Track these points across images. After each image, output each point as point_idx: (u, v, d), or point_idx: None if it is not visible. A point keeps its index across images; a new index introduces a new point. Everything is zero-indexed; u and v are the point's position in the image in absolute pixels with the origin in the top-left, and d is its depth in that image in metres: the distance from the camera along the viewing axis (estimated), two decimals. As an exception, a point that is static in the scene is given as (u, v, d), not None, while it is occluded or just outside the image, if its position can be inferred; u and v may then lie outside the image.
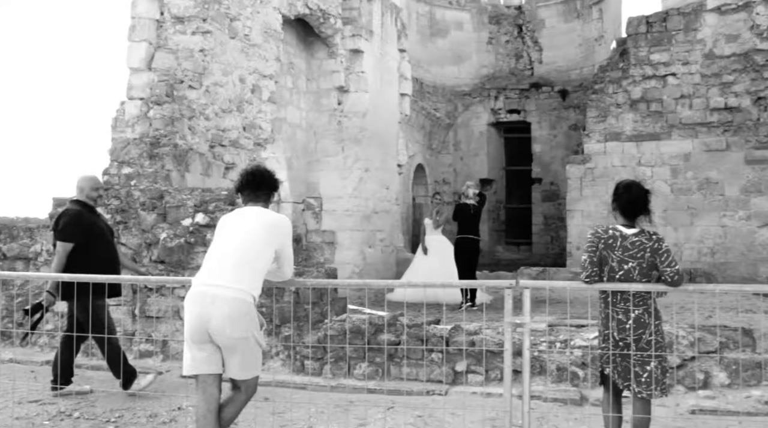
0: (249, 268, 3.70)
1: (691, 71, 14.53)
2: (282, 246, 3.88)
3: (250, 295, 3.67)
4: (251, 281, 3.70)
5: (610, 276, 3.79)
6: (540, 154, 20.57)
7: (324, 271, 6.81)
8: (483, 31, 21.81)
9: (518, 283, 3.94)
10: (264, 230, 3.80)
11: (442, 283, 4.90)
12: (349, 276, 12.71)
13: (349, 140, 12.75)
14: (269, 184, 3.99)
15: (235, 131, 9.52)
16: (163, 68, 8.54)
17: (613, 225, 3.88)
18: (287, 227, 3.91)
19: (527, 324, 3.87)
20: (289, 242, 3.93)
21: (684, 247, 14.58)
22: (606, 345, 3.80)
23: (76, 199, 5.98)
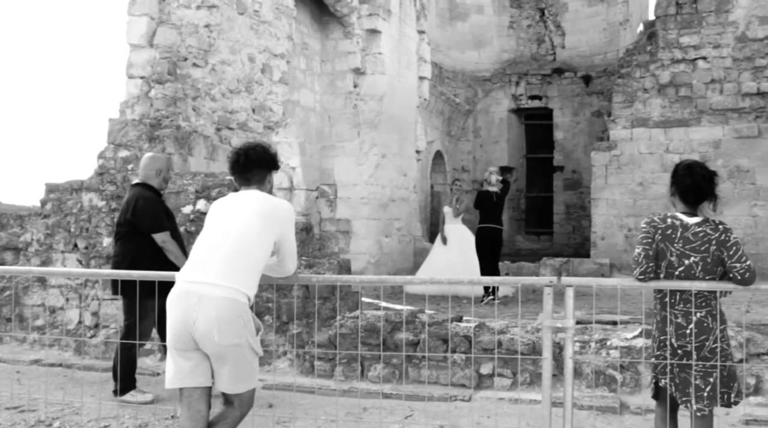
0: (243, 262, 3.17)
1: (723, 55, 13.81)
2: (282, 236, 3.35)
3: (243, 294, 3.14)
4: (245, 277, 3.16)
5: (668, 273, 3.22)
6: (562, 141, 19.89)
7: (336, 263, 6.27)
8: (504, 15, 21.11)
9: (560, 280, 3.37)
10: (261, 218, 3.26)
11: (469, 279, 4.24)
12: (365, 267, 12.19)
13: (366, 125, 12.19)
14: (261, 163, 3.43)
15: (243, 113, 9.00)
16: (166, 45, 8.02)
17: (672, 213, 3.31)
18: (288, 213, 3.37)
19: (570, 328, 3.30)
20: (290, 231, 3.40)
21: (713, 237, 13.87)
22: (662, 353, 3.23)
23: (144, 183, 5.30)
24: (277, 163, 3.55)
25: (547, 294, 3.33)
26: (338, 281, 3.62)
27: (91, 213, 7.07)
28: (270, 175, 3.50)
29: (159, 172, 5.30)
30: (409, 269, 13.68)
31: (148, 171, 5.29)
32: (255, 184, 3.43)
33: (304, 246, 6.51)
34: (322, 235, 12.34)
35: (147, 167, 5.30)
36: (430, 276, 10.90)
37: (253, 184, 3.43)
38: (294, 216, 3.42)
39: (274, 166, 3.53)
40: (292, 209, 3.42)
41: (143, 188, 5.28)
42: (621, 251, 14.34)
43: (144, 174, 5.30)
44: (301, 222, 6.54)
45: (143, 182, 5.29)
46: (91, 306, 6.88)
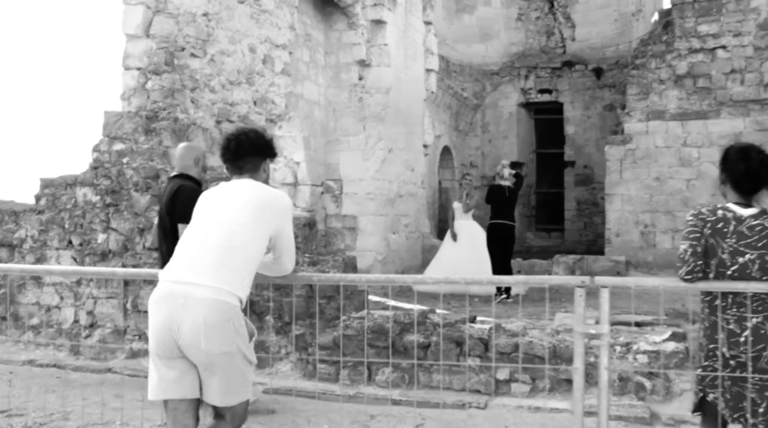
0: (234, 260, 2.80)
1: (743, 43, 13.33)
2: (279, 231, 2.98)
3: (234, 296, 2.77)
4: (237, 277, 2.79)
5: (719, 272, 2.82)
6: (573, 136, 19.47)
7: (341, 261, 5.90)
8: (512, 7, 20.67)
9: (593, 280, 2.98)
10: (255, 211, 2.90)
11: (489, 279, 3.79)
12: (372, 264, 11.81)
13: (371, 118, 11.80)
14: (255, 149, 3.07)
15: (244, 106, 8.63)
16: (163, 34, 7.66)
17: (723, 204, 2.91)
18: (285, 205, 3.00)
19: (605, 334, 2.91)
20: (288, 225, 3.03)
21: (733, 234, 13.42)
22: (711, 363, 2.83)
23: (183, 174, 4.81)
24: (273, 150, 3.18)
25: (578, 296, 2.94)
26: (342, 280, 3.25)
27: (85, 209, 6.72)
28: (265, 163, 3.13)
29: (197, 161, 4.86)
30: (418, 267, 13.30)
31: (185, 161, 4.84)
32: (248, 173, 3.07)
33: (307, 243, 6.14)
34: (327, 231, 11.98)
35: (184, 157, 4.84)
36: (439, 274, 10.53)
37: (245, 173, 3.07)
38: (291, 208, 3.05)
39: (270, 153, 3.16)
40: (289, 200, 3.05)
41: (184, 178, 4.80)
42: (637, 248, 13.91)
43: (182, 165, 4.83)
44: (305, 218, 6.17)
45: (182, 173, 4.82)
46: (86, 305, 6.53)
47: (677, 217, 13.78)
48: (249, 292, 2.90)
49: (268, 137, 3.18)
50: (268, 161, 3.16)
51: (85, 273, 5.91)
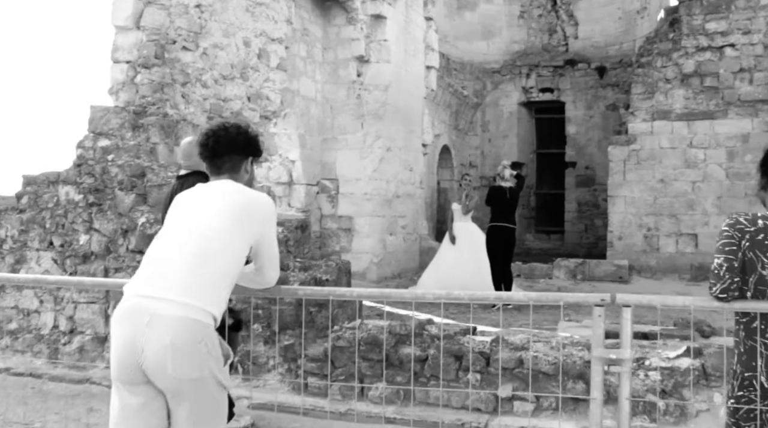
0: (208, 272, 2.48)
1: (753, 42, 12.96)
2: (261, 238, 2.66)
3: (207, 314, 2.44)
4: (211, 291, 2.47)
5: (758, 291, 2.50)
6: (574, 136, 19.14)
7: (335, 266, 5.57)
8: (514, 5, 20.33)
9: (614, 300, 2.65)
10: (233, 216, 2.58)
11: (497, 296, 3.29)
12: (367, 267, 11.48)
13: (370, 116, 11.47)
14: (234, 146, 2.75)
15: (238, 102, 8.30)
16: (153, 26, 7.33)
17: (764, 213, 2.60)
18: (268, 210, 2.68)
19: (627, 360, 2.58)
20: (271, 232, 2.71)
21: (739, 238, 13.09)
22: (746, 393, 2.51)
23: (196, 171, 4.34)
24: (257, 148, 2.86)
25: (597, 316, 2.60)
26: (331, 294, 2.92)
27: (67, 208, 6.39)
28: (246, 162, 2.81)
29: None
30: (415, 269, 12.98)
31: (196, 158, 4.37)
32: (227, 173, 2.75)
33: (299, 246, 5.82)
34: (322, 232, 11.66)
35: (193, 153, 4.33)
36: (437, 278, 10.22)
37: (224, 173, 2.75)
38: (275, 213, 2.73)
39: (253, 151, 2.84)
40: (272, 204, 2.72)
41: (198, 176, 4.33)
42: (640, 252, 13.59)
43: (193, 162, 4.33)
44: (297, 220, 5.85)
45: (194, 171, 4.36)
46: (66, 310, 6.21)
47: (681, 220, 13.46)
48: (225, 308, 2.58)
49: (251, 134, 2.85)
50: (251, 161, 2.83)
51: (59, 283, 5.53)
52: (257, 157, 2.89)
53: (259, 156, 2.91)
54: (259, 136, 2.91)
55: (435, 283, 10.03)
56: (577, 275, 12.57)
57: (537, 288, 11.43)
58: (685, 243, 13.44)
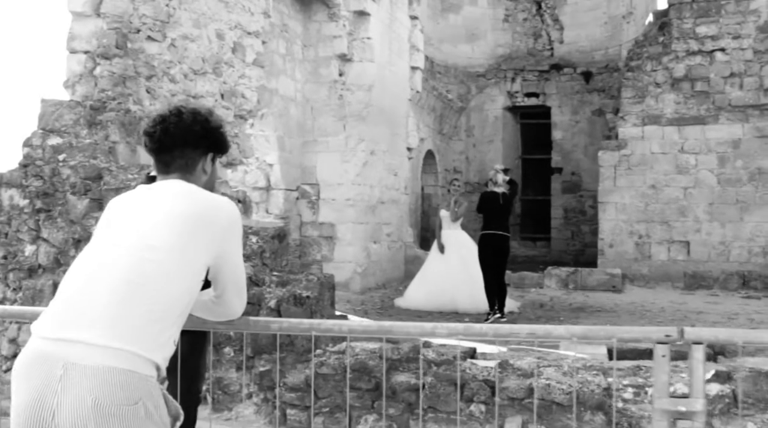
0: (146, 303, 1.83)
1: (743, 46, 12.68)
2: (222, 256, 2.03)
3: (146, 362, 1.79)
4: (151, 330, 1.82)
5: None
6: (560, 141, 18.72)
7: (316, 280, 4.94)
8: (499, 8, 19.89)
9: (683, 335, 2.05)
10: (183, 227, 1.94)
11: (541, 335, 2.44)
12: (351, 277, 10.85)
13: (352, 118, 10.86)
14: (187, 138, 2.12)
15: (210, 99, 7.65)
16: (115, 14, 6.66)
17: None
18: (231, 219, 2.05)
19: (700, 412, 1.98)
20: (235, 247, 2.07)
21: (732, 246, 12.76)
22: None
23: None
24: (221, 140, 2.22)
25: (660, 356, 2.00)
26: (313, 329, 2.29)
27: (11, 214, 5.70)
28: (205, 159, 2.17)
29: None
30: (400, 279, 12.37)
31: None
32: (178, 172, 2.11)
33: (276, 258, 5.18)
34: (302, 241, 11.01)
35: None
36: (425, 288, 9.62)
37: (174, 172, 2.11)
38: (240, 223, 2.09)
39: (215, 146, 2.20)
40: (236, 211, 2.08)
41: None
42: (631, 260, 13.13)
43: None
44: (274, 228, 5.21)
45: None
46: (9, 331, 5.49)
47: (673, 227, 13.06)
48: (172, 352, 1.92)
49: (213, 123, 2.21)
50: (211, 158, 2.20)
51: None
52: (220, 153, 2.25)
53: (224, 152, 2.27)
54: (223, 126, 2.27)
55: (423, 294, 9.45)
56: (569, 284, 12.06)
57: (528, 298, 10.89)
58: (677, 251, 13.04)
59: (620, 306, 10.23)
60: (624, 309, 9.92)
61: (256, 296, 4.81)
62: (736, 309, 9.85)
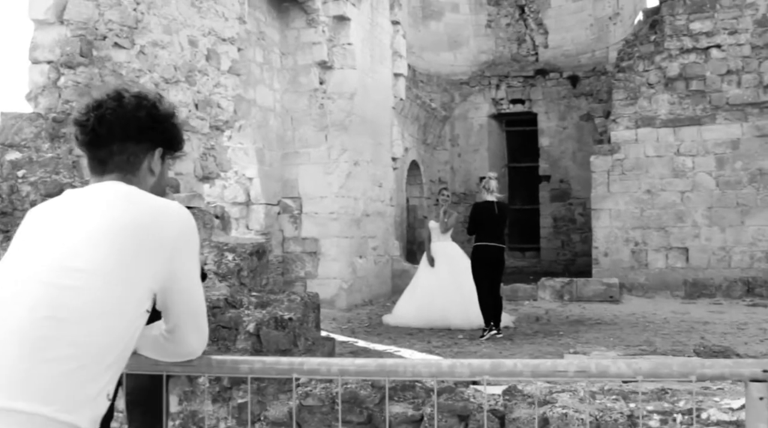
0: (67, 347, 1.35)
1: (740, 42, 12.25)
2: (172, 279, 1.54)
3: (67, 427, 1.33)
4: (73, 384, 1.34)
5: None
6: (548, 148, 18.37)
7: (299, 300, 4.45)
8: (481, 14, 19.58)
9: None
10: (119, 243, 1.46)
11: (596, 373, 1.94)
12: (336, 294, 10.36)
13: (334, 127, 10.40)
14: (132, 129, 1.64)
15: (183, 109, 7.16)
16: (79, 20, 6.18)
17: None
18: (183, 229, 1.56)
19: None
20: (189, 266, 1.59)
21: (733, 251, 12.34)
22: None
23: None
24: (173, 133, 1.74)
25: (756, 397, 1.53)
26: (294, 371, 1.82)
27: (-37, 237, 5.17)
28: (151, 156, 1.70)
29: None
30: (387, 294, 11.89)
31: None
32: (116, 172, 1.64)
33: (255, 277, 4.70)
34: (285, 257, 10.50)
35: None
36: (414, 303, 9.13)
37: (111, 171, 1.64)
38: (196, 234, 1.62)
39: (165, 139, 1.73)
40: (190, 220, 1.60)
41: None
42: (628, 269, 12.72)
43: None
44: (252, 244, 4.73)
45: None
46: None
47: (671, 233, 12.65)
48: (105, 409, 1.44)
49: (163, 110, 1.73)
50: (159, 155, 1.73)
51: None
52: (172, 150, 1.77)
53: (176, 149, 1.79)
54: (175, 115, 1.79)
55: (413, 310, 8.97)
56: (564, 295, 11.62)
57: (522, 312, 10.43)
58: (676, 258, 12.64)
59: (620, 318, 9.80)
60: (625, 321, 9.48)
61: (232, 319, 4.32)
62: (744, 318, 9.44)
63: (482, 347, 7.45)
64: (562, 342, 7.81)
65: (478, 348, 7.39)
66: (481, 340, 7.75)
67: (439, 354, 7.06)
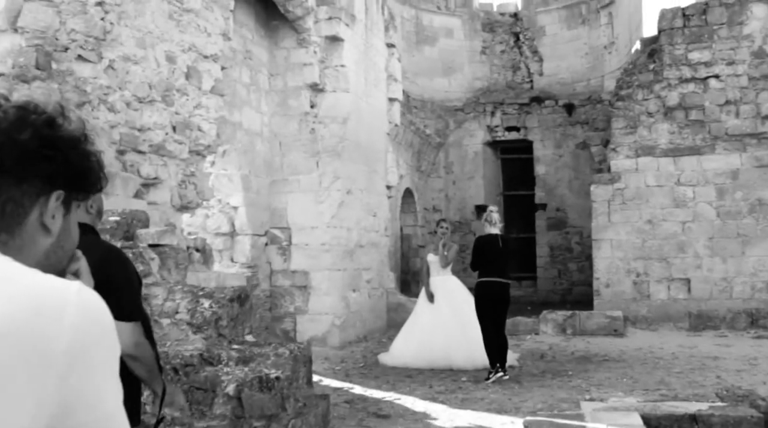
0: None
1: (738, 72, 12.04)
2: (72, 406, 0.88)
3: None
4: None
5: None
6: (544, 176, 17.92)
7: (289, 354, 3.79)
8: (476, 40, 19.21)
9: None
10: None
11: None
12: (328, 330, 9.68)
13: (326, 153, 9.80)
14: (9, 158, 0.97)
15: (159, 132, 6.54)
16: (36, 28, 5.56)
17: None
18: (85, 331, 0.89)
19: None
20: (99, 387, 0.92)
21: (734, 282, 11.92)
22: None
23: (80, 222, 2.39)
24: (79, 165, 1.07)
25: None
26: None
27: None
28: (45, 203, 1.04)
29: (89, 202, 2.51)
30: (383, 329, 11.21)
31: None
32: None
33: (236, 326, 4.04)
34: (273, 291, 9.82)
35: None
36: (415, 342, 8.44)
37: None
38: (108, 335, 0.96)
39: (67, 175, 1.06)
40: (99, 311, 0.94)
41: (84, 231, 2.44)
42: (629, 300, 12.18)
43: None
44: (232, 289, 4.07)
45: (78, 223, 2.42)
46: None
47: (672, 264, 12.17)
48: None
49: (64, 131, 1.05)
50: (60, 200, 1.06)
51: None
52: (82, 193, 1.12)
53: (88, 192, 1.13)
54: (85, 139, 1.13)
55: (412, 349, 8.31)
56: (567, 329, 11.02)
57: (525, 347, 9.82)
58: (678, 289, 12.17)
59: (627, 354, 9.20)
60: (633, 358, 8.88)
61: (209, 379, 3.65)
62: (752, 353, 8.98)
63: (489, 391, 6.79)
64: (572, 383, 7.19)
65: (485, 393, 6.73)
66: (486, 383, 7.11)
67: (443, 401, 6.40)
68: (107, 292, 2.57)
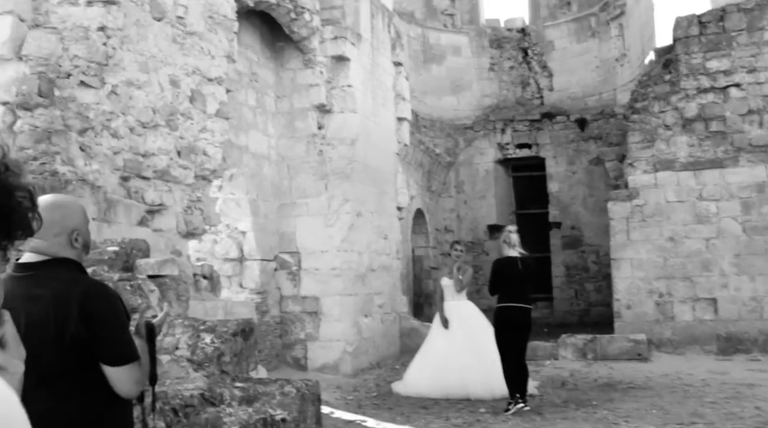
0: None
1: (760, 80, 11.62)
2: None
3: None
4: None
5: None
6: (557, 194, 17.58)
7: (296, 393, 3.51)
8: (483, 57, 19.03)
9: None
10: None
11: None
12: (340, 358, 9.38)
13: (335, 176, 9.56)
14: None
15: (163, 157, 6.33)
16: (40, 56, 5.39)
17: None
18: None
19: None
20: None
21: (765, 301, 11.44)
22: None
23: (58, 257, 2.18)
24: (8, 207, 0.83)
25: None
26: None
27: None
28: None
29: (74, 234, 2.29)
30: (396, 355, 10.89)
31: (58, 236, 2.20)
32: None
33: (239, 362, 3.77)
34: (283, 318, 9.55)
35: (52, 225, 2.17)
36: (429, 370, 8.12)
37: None
38: None
39: None
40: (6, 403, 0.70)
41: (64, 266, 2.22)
42: (652, 322, 11.76)
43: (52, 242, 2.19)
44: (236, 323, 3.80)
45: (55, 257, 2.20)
46: None
47: (697, 283, 11.73)
48: None
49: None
50: None
51: None
52: (9, 239, 0.88)
53: (16, 237, 0.89)
54: (19, 175, 0.88)
55: (426, 378, 7.99)
56: (588, 353, 10.63)
57: (545, 374, 9.47)
58: (703, 309, 11.69)
59: (654, 380, 8.80)
60: (661, 385, 8.48)
61: (210, 422, 3.37)
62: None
63: (510, 424, 6.45)
64: (598, 415, 6.82)
65: (505, 426, 6.39)
66: (506, 415, 6.76)
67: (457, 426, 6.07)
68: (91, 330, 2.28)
